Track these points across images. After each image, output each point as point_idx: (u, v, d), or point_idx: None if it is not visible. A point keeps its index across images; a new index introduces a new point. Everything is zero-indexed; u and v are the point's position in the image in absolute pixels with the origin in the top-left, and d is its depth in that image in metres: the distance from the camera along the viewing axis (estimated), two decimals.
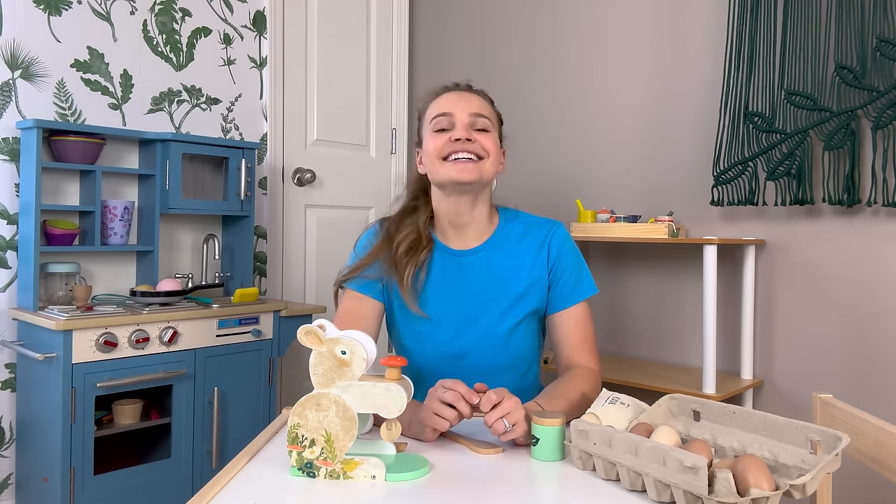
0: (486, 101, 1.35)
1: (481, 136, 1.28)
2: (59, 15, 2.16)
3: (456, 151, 1.26)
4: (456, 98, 1.31)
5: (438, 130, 1.29)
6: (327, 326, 0.94)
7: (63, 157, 2.06)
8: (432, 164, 1.29)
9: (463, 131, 1.27)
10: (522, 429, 1.03)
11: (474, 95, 1.34)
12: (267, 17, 2.64)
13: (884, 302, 1.90)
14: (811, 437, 0.85)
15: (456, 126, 1.28)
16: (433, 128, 1.30)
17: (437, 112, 1.30)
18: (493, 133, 1.31)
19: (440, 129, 1.29)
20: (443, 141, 1.27)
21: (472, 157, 1.26)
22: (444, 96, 1.32)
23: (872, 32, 1.83)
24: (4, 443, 2.07)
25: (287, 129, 2.71)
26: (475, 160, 1.26)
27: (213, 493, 0.87)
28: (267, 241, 2.66)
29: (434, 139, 1.29)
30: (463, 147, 1.26)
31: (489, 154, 1.28)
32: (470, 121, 1.28)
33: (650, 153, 2.36)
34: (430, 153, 1.29)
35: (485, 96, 1.36)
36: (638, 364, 2.30)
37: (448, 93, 1.33)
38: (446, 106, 1.30)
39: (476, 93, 1.35)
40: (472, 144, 1.26)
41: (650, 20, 2.36)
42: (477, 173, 1.26)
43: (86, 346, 1.84)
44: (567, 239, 1.35)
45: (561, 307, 1.32)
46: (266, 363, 2.23)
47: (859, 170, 1.88)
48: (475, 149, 1.27)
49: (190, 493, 2.01)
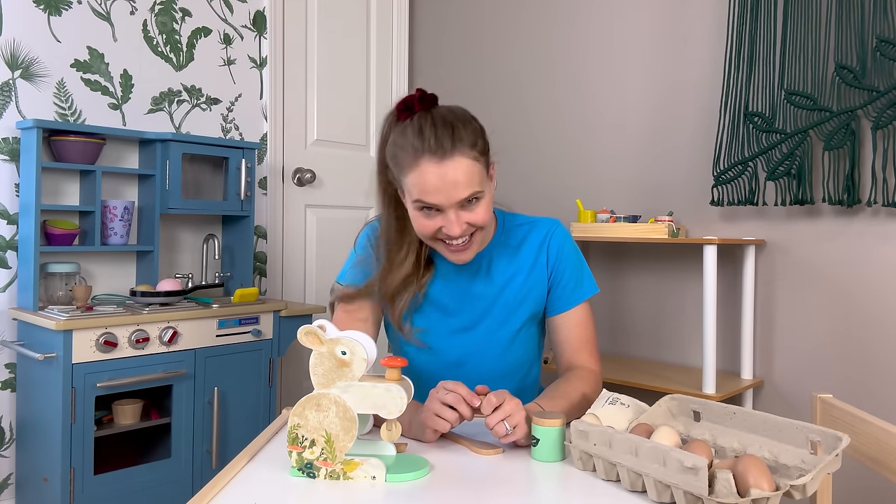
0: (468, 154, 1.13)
1: (473, 213, 1.15)
2: (59, 15, 2.16)
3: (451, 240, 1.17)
4: (437, 181, 1.11)
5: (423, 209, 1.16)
6: (327, 327, 0.94)
7: (63, 157, 2.06)
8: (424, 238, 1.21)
9: (455, 228, 1.14)
10: (523, 431, 1.03)
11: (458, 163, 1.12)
12: (267, 17, 2.64)
13: (884, 302, 1.89)
14: (811, 437, 0.85)
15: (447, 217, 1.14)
16: (416, 206, 1.16)
17: (418, 196, 1.13)
18: (486, 192, 1.17)
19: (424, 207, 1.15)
20: (432, 227, 1.16)
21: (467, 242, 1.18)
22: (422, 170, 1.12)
23: (872, 32, 1.83)
24: (4, 443, 2.07)
25: (287, 129, 2.71)
26: (469, 240, 1.18)
27: (213, 494, 0.87)
28: (267, 241, 2.66)
29: (420, 218, 1.17)
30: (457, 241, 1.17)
31: (485, 227, 1.19)
32: (459, 205, 1.14)
33: (650, 153, 2.36)
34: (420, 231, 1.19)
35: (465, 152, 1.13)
36: (638, 364, 2.30)
37: (425, 164, 1.12)
38: (428, 192, 1.12)
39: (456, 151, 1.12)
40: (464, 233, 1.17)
41: (650, 20, 2.36)
42: (473, 252, 1.21)
43: (86, 346, 1.84)
44: (567, 238, 1.34)
45: (562, 309, 1.31)
46: (266, 363, 2.22)
47: (859, 170, 1.88)
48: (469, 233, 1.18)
49: (190, 493, 2.01)
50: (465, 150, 1.14)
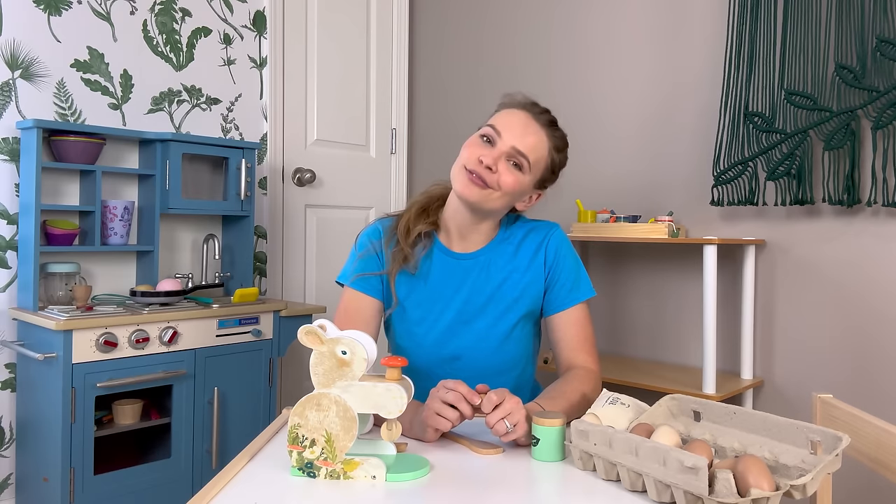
0: (547, 138, 1.28)
1: (507, 172, 1.23)
2: (59, 15, 2.16)
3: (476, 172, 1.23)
4: (516, 122, 1.26)
5: (482, 137, 1.26)
6: (328, 326, 0.94)
7: (63, 157, 2.06)
8: (456, 169, 1.26)
9: (490, 158, 1.22)
10: (523, 429, 1.03)
11: (538, 129, 1.27)
12: (267, 17, 2.64)
13: (884, 302, 1.90)
14: (811, 437, 0.85)
15: (495, 146, 1.24)
16: (479, 133, 1.27)
17: (492, 122, 1.26)
18: (527, 175, 1.26)
19: (482, 136, 1.26)
20: (476, 152, 1.24)
21: (483, 181, 1.23)
22: (510, 112, 1.28)
23: (872, 32, 1.83)
24: (4, 443, 2.06)
25: (287, 129, 2.71)
26: (482, 185, 1.23)
27: (213, 493, 0.87)
28: (267, 241, 2.66)
29: (471, 146, 1.26)
30: (480, 169, 1.22)
31: (502, 191, 1.24)
32: (508, 152, 1.23)
33: (650, 153, 2.36)
34: (462, 153, 1.26)
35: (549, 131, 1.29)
36: (638, 364, 2.30)
37: (517, 111, 1.28)
38: (501, 123, 1.25)
39: (543, 124, 1.28)
40: (490, 174, 1.22)
41: (650, 20, 2.36)
42: (477, 197, 1.23)
43: (86, 346, 1.84)
44: (564, 241, 1.35)
45: (559, 309, 1.32)
46: (266, 363, 2.22)
47: (859, 170, 1.88)
48: (490, 179, 1.22)
49: (190, 493, 2.01)
50: (549, 134, 1.29)
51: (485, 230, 1.33)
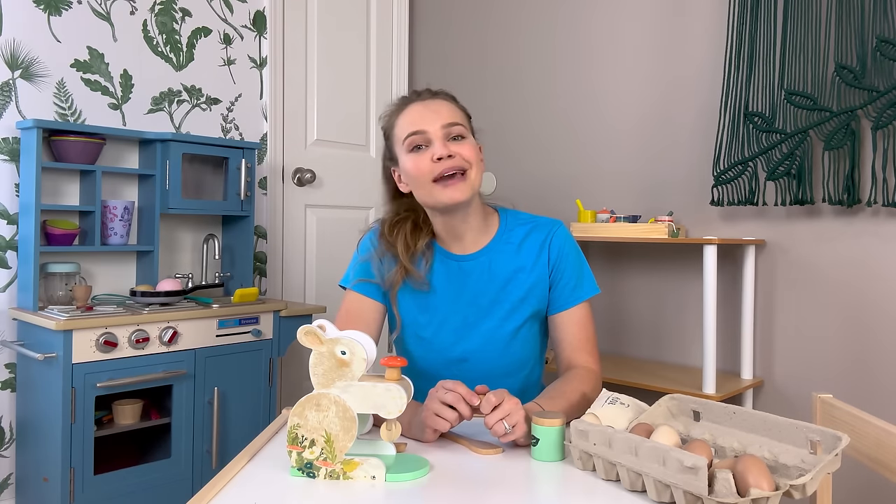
0: (452, 102, 1.30)
1: (459, 146, 1.23)
2: (59, 15, 2.16)
3: (444, 171, 1.21)
4: (423, 110, 1.25)
5: (414, 149, 1.24)
6: (327, 326, 0.94)
7: (63, 157, 2.06)
8: (421, 187, 1.25)
9: (442, 148, 1.21)
10: (522, 430, 1.03)
11: (441, 102, 1.28)
12: (267, 17, 2.64)
13: (884, 302, 1.89)
14: (811, 437, 0.85)
15: (433, 142, 1.23)
16: (408, 147, 1.25)
17: (408, 130, 1.24)
18: (469, 136, 1.27)
19: (415, 146, 1.24)
20: (425, 161, 1.22)
21: (458, 173, 1.22)
22: (409, 110, 1.27)
23: (872, 32, 1.83)
24: (4, 443, 2.07)
25: (287, 129, 2.71)
26: (461, 176, 1.22)
27: (213, 494, 0.87)
28: (267, 241, 2.66)
29: (413, 160, 1.24)
30: (448, 165, 1.21)
31: (472, 163, 1.24)
32: (444, 133, 1.23)
33: (650, 153, 2.36)
34: (415, 175, 1.24)
35: (448, 98, 1.31)
36: (638, 364, 2.30)
37: (412, 105, 1.27)
38: (416, 122, 1.24)
39: (440, 97, 1.29)
40: (454, 160, 1.22)
41: (650, 21, 2.36)
42: (468, 190, 1.23)
43: (86, 346, 1.84)
44: (568, 238, 1.34)
45: (562, 308, 1.32)
46: (266, 363, 2.22)
47: (859, 170, 1.88)
48: (458, 163, 1.22)
49: (190, 493, 2.01)
50: (447, 98, 1.31)
51: (475, 226, 1.32)
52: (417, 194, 1.27)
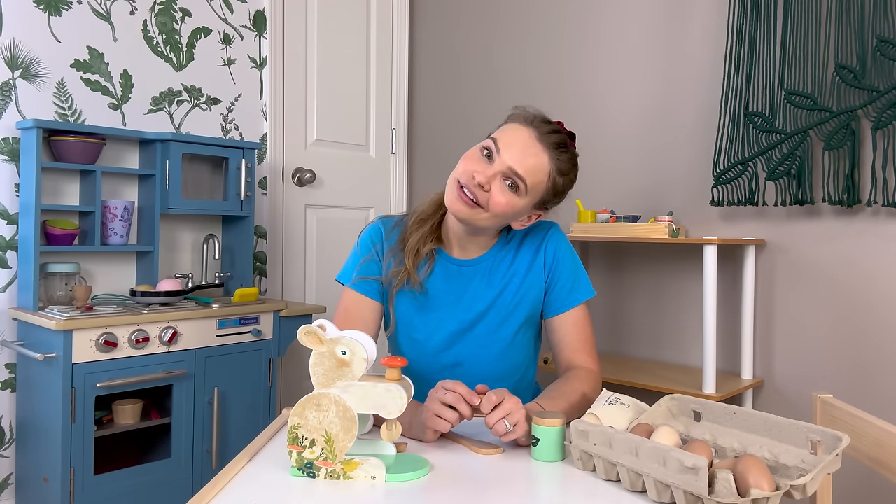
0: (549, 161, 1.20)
1: (500, 192, 1.18)
2: (59, 15, 2.16)
3: (468, 186, 1.19)
4: (518, 140, 1.19)
5: (481, 150, 1.20)
6: (327, 326, 0.94)
7: (63, 157, 2.06)
8: (450, 182, 1.23)
9: (484, 176, 1.17)
10: (523, 429, 1.03)
11: (541, 150, 1.19)
12: (267, 17, 2.64)
13: (884, 302, 1.89)
14: (811, 437, 0.85)
15: (491, 165, 1.18)
16: (481, 145, 1.21)
17: (495, 135, 1.21)
18: (523, 198, 1.20)
19: (482, 149, 1.20)
20: (467, 166, 1.19)
21: (473, 199, 1.19)
22: (516, 127, 1.21)
23: (872, 32, 1.83)
24: (4, 443, 2.06)
25: (287, 129, 2.71)
26: (472, 204, 1.19)
27: (213, 494, 0.87)
28: (267, 241, 2.66)
29: (468, 159, 1.21)
30: (471, 185, 1.18)
31: (492, 211, 1.19)
32: (504, 172, 1.18)
33: (650, 153, 2.36)
34: (457, 171, 1.22)
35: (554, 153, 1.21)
36: (638, 364, 2.30)
37: (523, 127, 1.21)
38: (504, 139, 1.19)
39: (548, 146, 1.20)
40: (481, 192, 1.18)
41: (650, 21, 2.36)
42: (465, 214, 1.20)
43: (86, 346, 1.84)
44: (563, 241, 1.34)
45: (559, 310, 1.32)
46: (266, 363, 2.22)
47: (859, 170, 1.88)
48: (481, 197, 1.18)
49: (190, 493, 2.01)
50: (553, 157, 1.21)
51: (482, 241, 1.31)
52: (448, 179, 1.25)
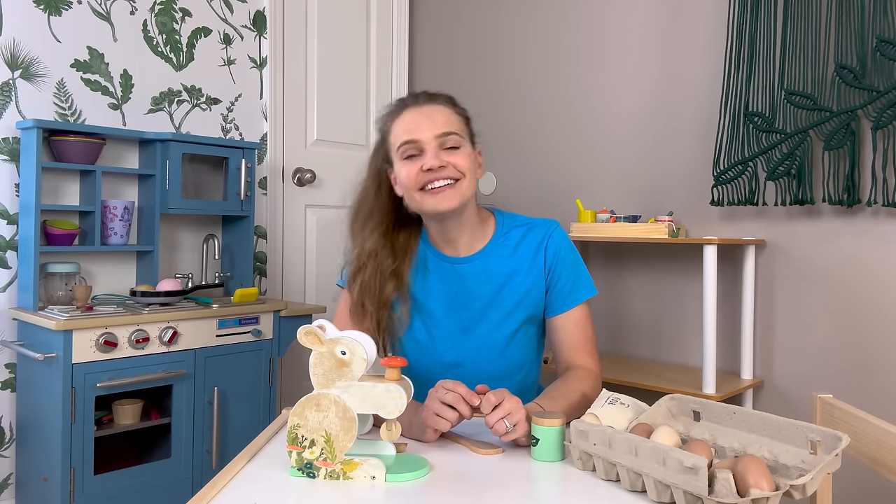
0: (448, 106, 1.27)
1: (453, 156, 1.21)
2: (59, 15, 2.16)
3: (431, 181, 1.21)
4: (417, 117, 1.23)
5: (408, 157, 1.23)
6: (327, 327, 0.94)
7: (63, 157, 2.06)
8: (410, 196, 1.24)
9: (433, 159, 1.20)
10: (523, 429, 1.03)
11: (436, 108, 1.25)
12: (267, 17, 2.64)
13: (884, 302, 1.89)
14: (811, 437, 0.85)
15: (425, 152, 1.21)
16: (402, 155, 1.24)
17: (402, 139, 1.23)
18: (465, 144, 1.25)
19: (409, 155, 1.23)
20: (415, 171, 1.21)
21: (449, 182, 1.21)
22: (404, 116, 1.25)
23: (872, 32, 1.83)
24: (4, 443, 2.07)
25: (287, 129, 2.71)
26: (452, 184, 1.21)
27: (213, 494, 0.87)
28: (267, 241, 2.66)
29: (405, 168, 1.23)
30: (437, 175, 1.20)
31: (465, 173, 1.22)
32: (438, 142, 1.21)
33: (650, 153, 2.36)
34: (406, 184, 1.23)
35: (446, 101, 1.28)
36: (638, 364, 2.30)
37: (407, 111, 1.25)
38: (410, 130, 1.22)
39: (436, 101, 1.26)
40: (445, 170, 1.21)
41: (650, 20, 2.36)
42: (457, 199, 1.21)
43: (86, 346, 1.84)
44: (564, 240, 1.33)
45: (560, 310, 1.31)
46: (266, 363, 2.22)
47: (859, 170, 1.88)
48: (450, 173, 1.21)
49: (190, 493, 2.01)
50: (446, 104, 1.27)
51: (469, 230, 1.31)
52: (408, 202, 1.27)
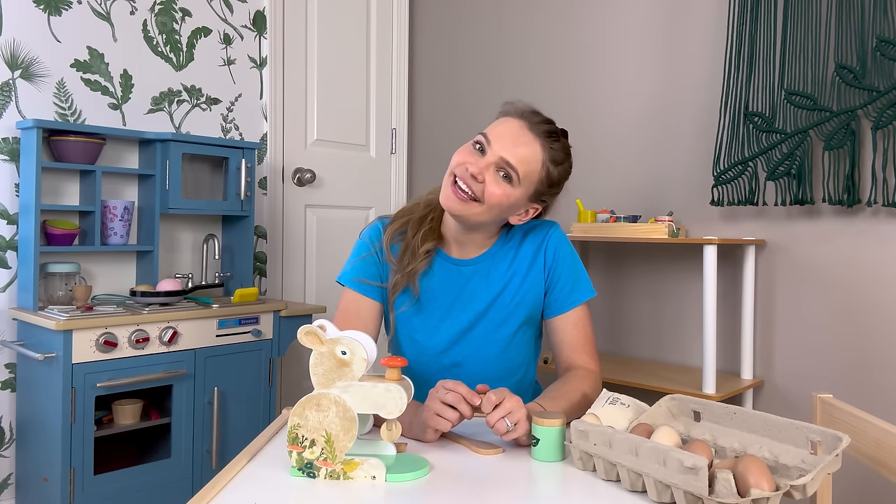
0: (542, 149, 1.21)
1: (494, 183, 1.18)
2: (59, 15, 2.16)
3: (459, 177, 1.19)
4: (508, 131, 1.20)
5: (473, 144, 1.21)
6: (327, 327, 0.94)
7: (63, 157, 2.06)
8: (446, 175, 1.23)
9: (477, 167, 1.17)
10: (524, 428, 1.03)
11: (532, 139, 1.20)
12: (267, 17, 2.64)
13: (884, 302, 1.89)
14: (811, 437, 0.85)
15: (483, 156, 1.19)
16: (472, 141, 1.22)
17: (486, 130, 1.21)
18: (517, 189, 1.19)
19: (474, 144, 1.21)
20: (463, 160, 1.20)
21: (467, 192, 1.19)
22: (506, 120, 1.22)
23: (872, 32, 1.83)
24: (4, 443, 2.06)
25: (287, 129, 2.71)
26: (467, 198, 1.19)
27: (213, 494, 0.87)
28: (267, 241, 2.66)
29: (459, 154, 1.22)
30: (464, 178, 1.19)
31: (486, 203, 1.19)
32: (496, 162, 1.18)
33: (650, 153, 2.36)
34: (451, 163, 1.22)
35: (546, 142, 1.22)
36: (638, 364, 2.30)
37: (513, 119, 1.22)
38: (494, 132, 1.20)
39: (539, 135, 1.21)
40: (475, 183, 1.18)
41: (650, 20, 2.36)
42: (461, 210, 1.20)
43: (86, 346, 1.84)
44: (563, 241, 1.34)
45: (559, 311, 1.31)
46: (266, 363, 2.22)
47: (859, 170, 1.88)
48: (476, 189, 1.18)
49: (190, 493, 2.01)
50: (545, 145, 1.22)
51: (480, 240, 1.31)
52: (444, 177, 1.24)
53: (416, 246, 1.29)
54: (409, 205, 1.37)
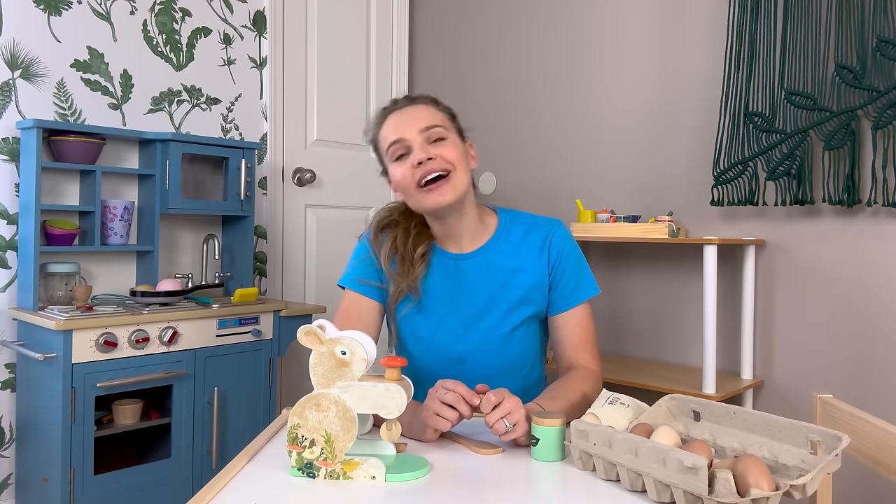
0: (431, 104, 1.30)
1: (440, 148, 1.24)
2: (59, 15, 2.16)
3: (424, 175, 1.22)
4: (400, 118, 1.27)
5: (398, 158, 1.26)
6: (327, 327, 0.94)
7: (63, 157, 2.06)
8: (408, 195, 1.27)
9: (421, 152, 1.23)
10: (523, 428, 1.03)
11: (418, 107, 1.29)
12: (267, 17, 2.64)
13: (884, 302, 1.89)
14: (811, 437, 0.85)
15: (413, 149, 1.24)
16: (391, 157, 1.27)
17: (389, 140, 1.26)
18: (451, 136, 1.27)
19: (398, 155, 1.26)
20: (407, 169, 1.24)
21: (441, 175, 1.22)
22: (389, 121, 1.29)
23: (872, 32, 1.83)
24: (4, 443, 2.06)
25: (287, 129, 2.71)
26: (446, 177, 1.23)
27: (213, 494, 0.87)
28: (267, 241, 2.66)
29: (398, 168, 1.25)
30: (428, 168, 1.22)
31: (455, 164, 1.24)
32: (423, 137, 1.24)
33: (650, 153, 2.36)
34: (402, 184, 1.25)
35: (427, 101, 1.31)
36: (638, 364, 2.30)
37: (391, 115, 1.29)
38: (395, 131, 1.26)
39: (418, 102, 1.30)
40: (434, 162, 1.22)
41: (650, 20, 2.36)
42: (452, 192, 1.23)
43: (86, 346, 1.84)
44: (568, 239, 1.34)
45: (562, 309, 1.32)
46: (266, 363, 2.22)
47: (859, 170, 1.88)
48: (440, 164, 1.23)
49: (190, 493, 2.01)
50: (427, 102, 1.31)
51: (471, 225, 1.32)
52: (408, 202, 1.29)
53: (410, 253, 1.31)
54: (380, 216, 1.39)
